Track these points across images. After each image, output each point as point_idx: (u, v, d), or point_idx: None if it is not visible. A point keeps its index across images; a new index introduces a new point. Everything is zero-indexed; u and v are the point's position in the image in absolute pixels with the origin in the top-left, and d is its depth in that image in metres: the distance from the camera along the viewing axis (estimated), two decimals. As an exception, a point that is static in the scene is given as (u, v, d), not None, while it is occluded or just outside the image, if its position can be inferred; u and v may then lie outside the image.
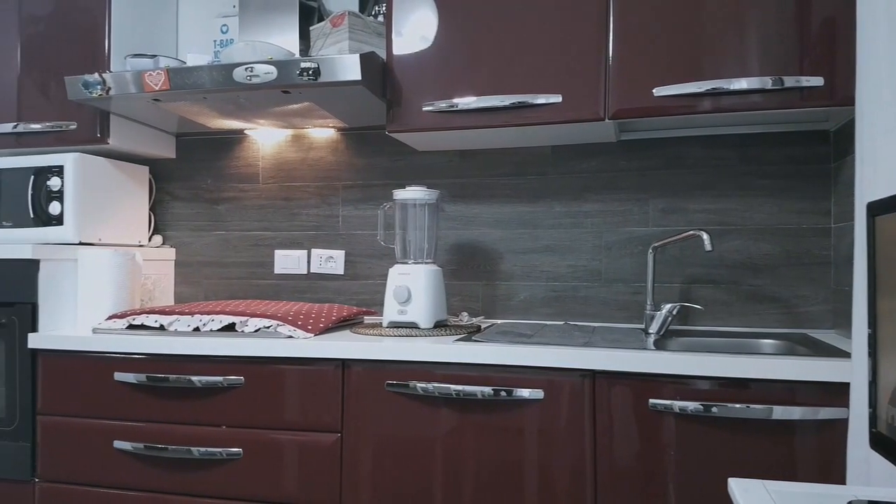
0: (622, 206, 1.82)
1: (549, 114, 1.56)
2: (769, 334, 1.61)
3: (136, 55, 1.75)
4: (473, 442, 1.36)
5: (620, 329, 1.67)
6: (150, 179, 2.12)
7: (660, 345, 1.44)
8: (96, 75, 1.63)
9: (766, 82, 1.42)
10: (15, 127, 1.87)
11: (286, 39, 1.81)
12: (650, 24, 1.50)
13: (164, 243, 2.15)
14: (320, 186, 2.05)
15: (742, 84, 1.43)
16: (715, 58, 1.46)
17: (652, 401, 1.27)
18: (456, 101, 1.60)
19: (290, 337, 1.48)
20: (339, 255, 2.03)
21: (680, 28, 1.48)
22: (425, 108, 1.62)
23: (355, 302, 2.02)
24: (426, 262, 1.66)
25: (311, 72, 1.51)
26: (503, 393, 1.35)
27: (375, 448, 1.41)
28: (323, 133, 2.05)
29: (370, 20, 1.71)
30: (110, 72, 1.66)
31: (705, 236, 1.55)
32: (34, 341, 1.59)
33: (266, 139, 2.09)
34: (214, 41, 1.99)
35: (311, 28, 1.78)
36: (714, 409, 1.23)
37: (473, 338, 1.46)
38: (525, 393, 1.34)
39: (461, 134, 1.69)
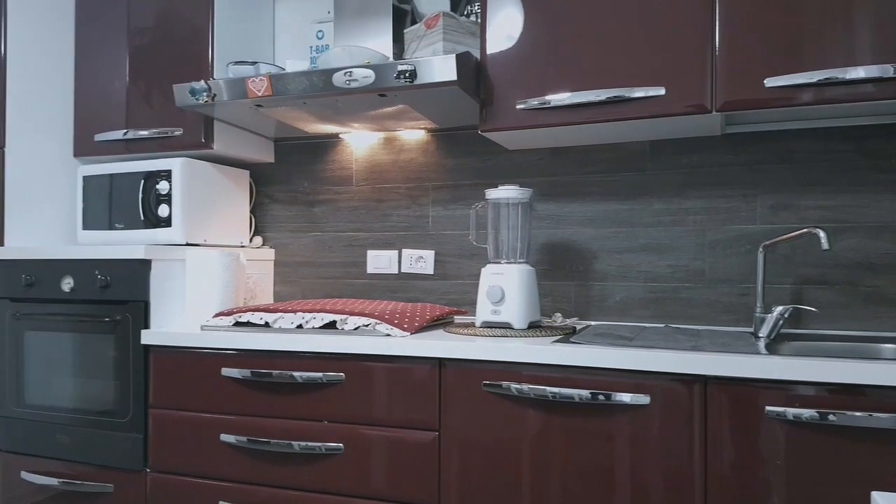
0: (727, 202, 1.73)
1: (650, 107, 1.50)
2: (889, 338, 1.48)
3: (237, 62, 1.82)
4: (568, 446, 1.33)
5: (727, 332, 1.59)
6: (250, 183, 2.21)
7: (771, 349, 1.36)
8: (202, 82, 1.71)
9: (887, 70, 1.31)
10: (125, 134, 1.99)
11: (380, 43, 1.84)
12: (759, 10, 1.42)
13: (263, 244, 2.23)
14: (411, 188, 2.07)
15: (859, 73, 1.33)
16: (828, 45, 1.36)
17: (768, 408, 1.20)
18: (550, 97, 1.57)
19: (388, 335, 1.50)
20: (429, 255, 2.04)
21: (792, 13, 1.39)
22: (519, 106, 1.60)
23: (445, 301, 2.02)
24: (519, 262, 1.64)
25: (407, 74, 1.52)
26: (601, 397, 1.30)
27: (472, 448, 1.40)
28: (413, 135, 2.06)
29: (464, 20, 1.71)
30: (214, 79, 1.73)
31: (822, 234, 1.45)
32: (146, 338, 1.68)
33: (359, 142, 2.13)
34: (310, 47, 2.05)
35: (404, 31, 1.80)
36: (831, 417, 1.14)
37: (571, 339, 1.42)
38: (626, 398, 1.29)
39: (554, 131, 1.66)
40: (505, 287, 1.56)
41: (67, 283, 1.78)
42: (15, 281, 1.85)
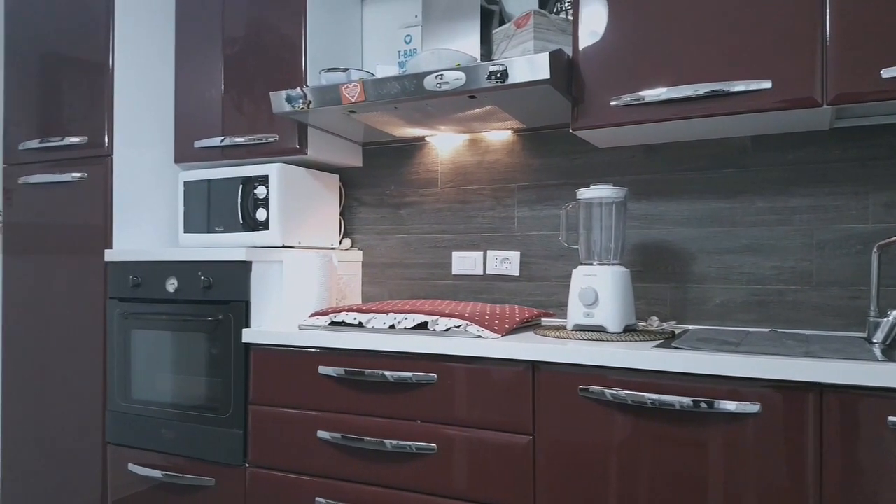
0: (836, 200, 1.63)
1: (754, 101, 1.43)
2: None
3: (330, 69, 1.86)
4: (665, 455, 1.28)
5: (838, 338, 1.50)
6: (339, 186, 2.26)
7: (889, 355, 1.26)
8: (298, 90, 1.76)
9: None
10: (222, 141, 2.07)
11: (468, 45, 1.84)
12: (879, -6, 1.33)
13: (352, 246, 2.27)
14: (496, 188, 2.06)
15: None
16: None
17: (890, 418, 1.12)
18: (645, 93, 1.52)
19: (479, 337, 1.49)
20: (515, 256, 2.02)
21: (917, -6, 1.30)
22: (612, 103, 1.56)
23: (531, 303, 2.00)
24: (612, 264, 1.60)
25: (499, 74, 1.51)
26: (703, 405, 1.25)
27: (567, 454, 1.38)
28: (499, 135, 2.05)
29: (554, 17, 1.69)
30: (308, 86, 1.78)
31: (950, 233, 1.34)
32: (247, 336, 1.75)
33: (444, 145, 2.14)
34: (398, 51, 2.07)
35: (493, 32, 1.79)
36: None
37: (673, 344, 1.37)
38: (730, 406, 1.23)
39: (648, 127, 1.61)
40: (598, 289, 1.53)
41: (172, 284, 1.87)
42: (123, 282, 1.96)
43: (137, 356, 1.94)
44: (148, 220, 2.12)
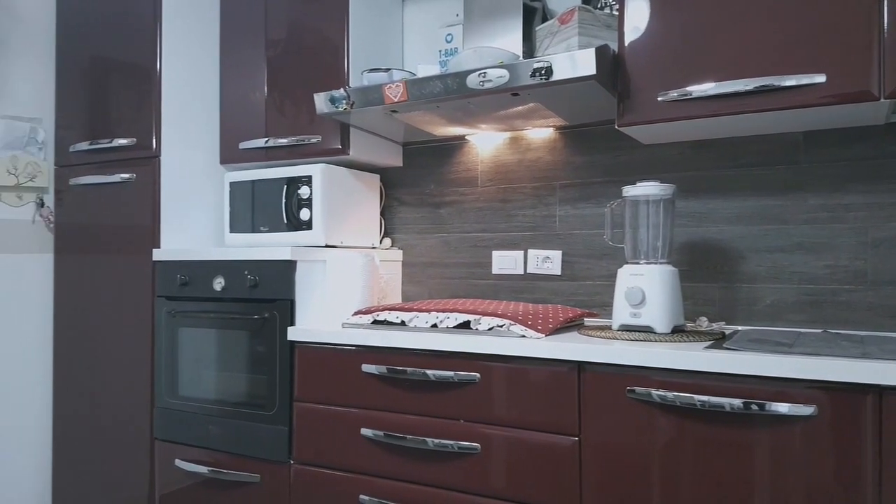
0: (892, 197, 1.58)
1: (807, 96, 1.39)
2: None
3: (372, 70, 1.87)
4: (714, 457, 1.25)
5: (895, 339, 1.45)
6: (380, 187, 2.27)
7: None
8: (342, 90, 1.78)
9: None
10: (266, 142, 2.10)
11: (510, 42, 1.83)
12: (942, -18, 1.28)
13: (392, 245, 2.28)
14: (537, 187, 2.05)
15: None
16: None
17: (960, 425, 1.07)
18: (692, 88, 1.49)
19: (523, 336, 1.48)
20: (556, 255, 2.00)
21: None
22: (660, 99, 1.53)
23: (573, 303, 1.98)
24: (660, 262, 1.57)
25: (543, 71, 1.50)
26: (754, 406, 1.22)
27: (614, 456, 1.36)
28: (540, 133, 2.04)
29: (599, 13, 1.66)
30: (351, 87, 1.79)
31: None
32: (292, 334, 1.77)
33: (485, 143, 2.13)
34: (439, 51, 2.07)
35: (536, 28, 1.78)
36: None
37: (724, 345, 1.34)
38: (782, 408, 1.20)
39: (696, 123, 1.57)
40: (645, 288, 1.50)
41: (219, 283, 1.91)
42: (171, 280, 2.00)
43: (184, 353, 1.98)
44: (194, 220, 2.16)
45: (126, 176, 2.10)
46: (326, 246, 1.98)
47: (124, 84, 2.13)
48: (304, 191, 1.97)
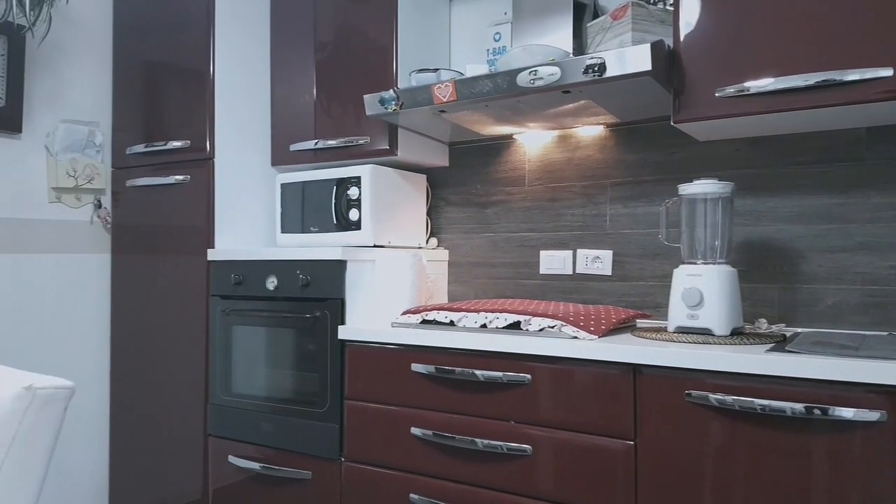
0: (967, 194, 1.51)
1: (871, 90, 1.34)
2: None
3: (420, 70, 1.88)
4: (773, 463, 1.22)
5: (973, 343, 1.38)
6: (426, 187, 2.27)
7: None
8: (391, 91, 1.78)
9: None
10: (316, 144, 2.12)
11: (559, 40, 1.81)
12: None
13: (438, 245, 2.29)
14: (586, 185, 2.02)
15: None
16: None
17: None
18: (750, 84, 1.45)
19: (575, 338, 1.46)
20: (607, 255, 1.97)
21: None
22: (718, 94, 1.49)
23: (624, 304, 1.95)
24: (718, 262, 1.53)
25: (596, 68, 1.47)
26: (817, 411, 1.18)
27: (671, 460, 1.33)
28: (590, 131, 2.01)
29: (653, 8, 1.63)
30: (400, 88, 1.79)
31: None
32: (343, 333, 1.78)
33: (532, 142, 2.12)
34: (487, 50, 2.07)
35: (587, 25, 1.76)
36: None
37: (787, 348, 1.30)
38: (847, 413, 1.15)
39: (754, 119, 1.53)
40: (703, 289, 1.47)
41: (272, 282, 1.94)
42: (225, 280, 2.04)
43: (238, 351, 2.02)
44: (247, 221, 2.21)
45: (180, 177, 2.16)
46: (374, 246, 2.00)
47: (178, 87, 2.19)
48: (353, 191, 1.99)
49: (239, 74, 2.19)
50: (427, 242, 2.27)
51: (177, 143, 2.17)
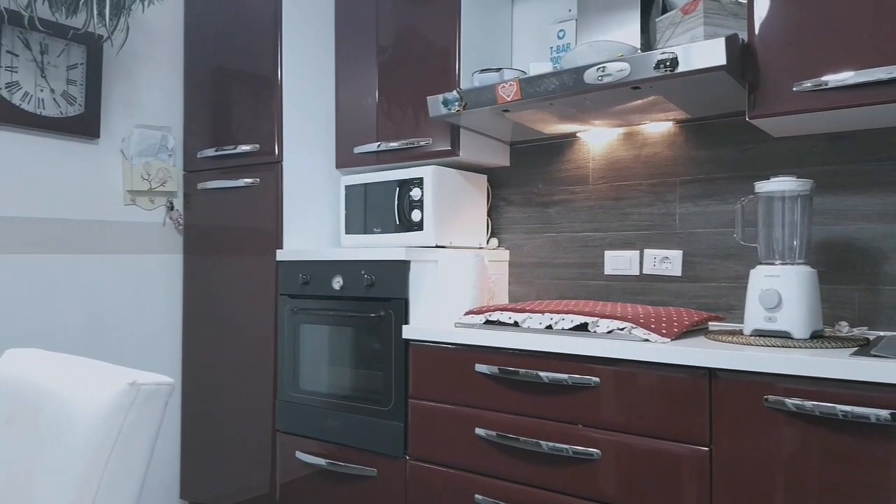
0: None
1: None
2: None
3: (482, 70, 1.87)
4: (856, 471, 1.16)
5: None
6: (487, 187, 2.27)
7: None
8: (454, 92, 1.78)
9: None
10: (378, 146, 2.15)
11: (626, 35, 1.77)
12: None
13: (499, 245, 2.28)
14: (654, 184, 1.97)
15: None
16: None
17: None
18: (829, 77, 1.39)
19: (646, 340, 1.43)
20: (676, 255, 1.92)
21: None
22: (795, 89, 1.43)
23: (695, 305, 1.89)
24: (797, 263, 1.47)
25: (668, 63, 1.44)
26: (905, 419, 1.12)
27: (749, 468, 1.28)
28: (658, 127, 1.96)
29: (726, 2, 1.58)
30: (462, 89, 1.79)
31: None
32: (407, 332, 1.79)
33: (596, 140, 2.08)
34: (550, 47, 2.04)
35: (656, 20, 1.72)
36: None
37: (871, 352, 1.24)
38: (943, 422, 1.09)
39: (832, 114, 1.46)
40: (782, 291, 1.41)
41: (337, 282, 1.97)
42: (293, 279, 2.09)
43: (305, 349, 2.06)
44: (313, 222, 2.25)
45: (249, 180, 2.22)
46: (436, 246, 2.00)
47: (247, 92, 2.25)
48: (415, 192, 2.00)
49: (305, 78, 2.23)
50: (487, 243, 2.27)
51: (246, 147, 2.23)
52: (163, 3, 2.44)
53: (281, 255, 2.12)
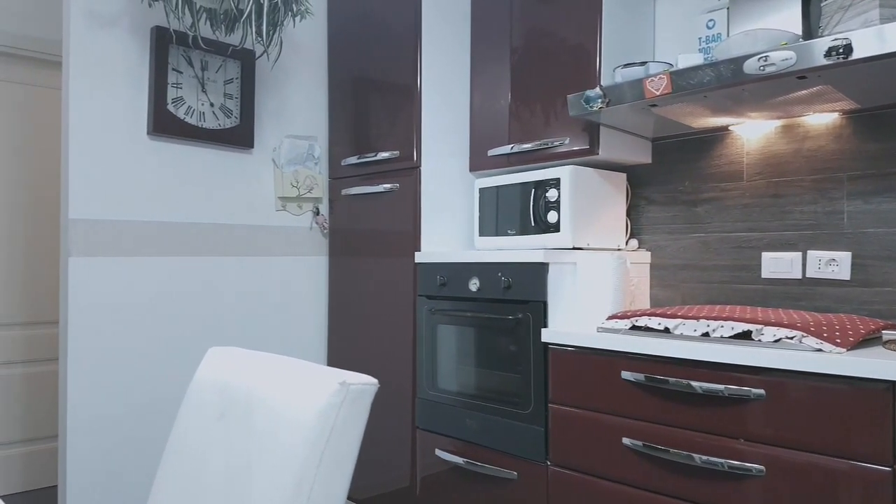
0: None
1: None
2: None
3: (626, 65, 1.81)
4: None
5: None
6: (626, 186, 2.19)
7: None
8: (597, 89, 1.74)
9: None
10: (511, 148, 2.14)
11: (784, 22, 1.64)
12: None
13: (639, 247, 2.19)
14: (818, 179, 1.81)
15: None
16: None
17: None
18: None
19: (819, 350, 1.31)
20: (844, 257, 1.75)
21: None
22: None
23: (865, 312, 1.71)
24: None
25: (841, 50, 1.31)
26: None
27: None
28: (822, 119, 1.80)
29: (909, -25, 1.42)
30: (604, 85, 1.74)
31: None
32: (546, 336, 1.77)
33: (751, 133, 1.94)
34: (699, 38, 1.93)
35: (822, 4, 1.57)
36: None
37: None
38: None
39: None
40: (984, 298, 1.24)
41: (474, 284, 1.99)
42: (431, 281, 2.13)
43: (443, 349, 2.10)
44: (449, 225, 2.29)
45: (389, 186, 2.29)
46: (573, 248, 1.96)
47: (387, 101, 2.33)
48: (551, 193, 1.97)
49: (442, 85, 2.27)
50: (626, 244, 2.19)
51: (385, 154, 2.30)
52: (308, 18, 2.59)
53: (419, 258, 2.17)
